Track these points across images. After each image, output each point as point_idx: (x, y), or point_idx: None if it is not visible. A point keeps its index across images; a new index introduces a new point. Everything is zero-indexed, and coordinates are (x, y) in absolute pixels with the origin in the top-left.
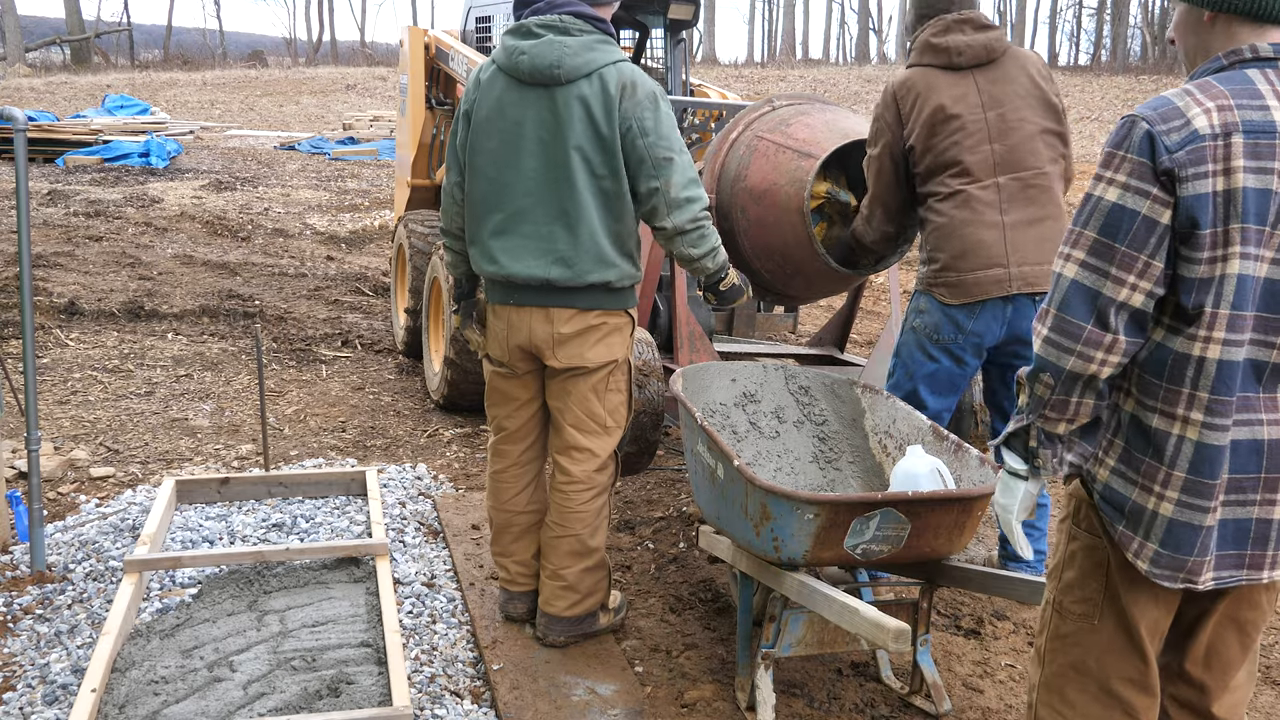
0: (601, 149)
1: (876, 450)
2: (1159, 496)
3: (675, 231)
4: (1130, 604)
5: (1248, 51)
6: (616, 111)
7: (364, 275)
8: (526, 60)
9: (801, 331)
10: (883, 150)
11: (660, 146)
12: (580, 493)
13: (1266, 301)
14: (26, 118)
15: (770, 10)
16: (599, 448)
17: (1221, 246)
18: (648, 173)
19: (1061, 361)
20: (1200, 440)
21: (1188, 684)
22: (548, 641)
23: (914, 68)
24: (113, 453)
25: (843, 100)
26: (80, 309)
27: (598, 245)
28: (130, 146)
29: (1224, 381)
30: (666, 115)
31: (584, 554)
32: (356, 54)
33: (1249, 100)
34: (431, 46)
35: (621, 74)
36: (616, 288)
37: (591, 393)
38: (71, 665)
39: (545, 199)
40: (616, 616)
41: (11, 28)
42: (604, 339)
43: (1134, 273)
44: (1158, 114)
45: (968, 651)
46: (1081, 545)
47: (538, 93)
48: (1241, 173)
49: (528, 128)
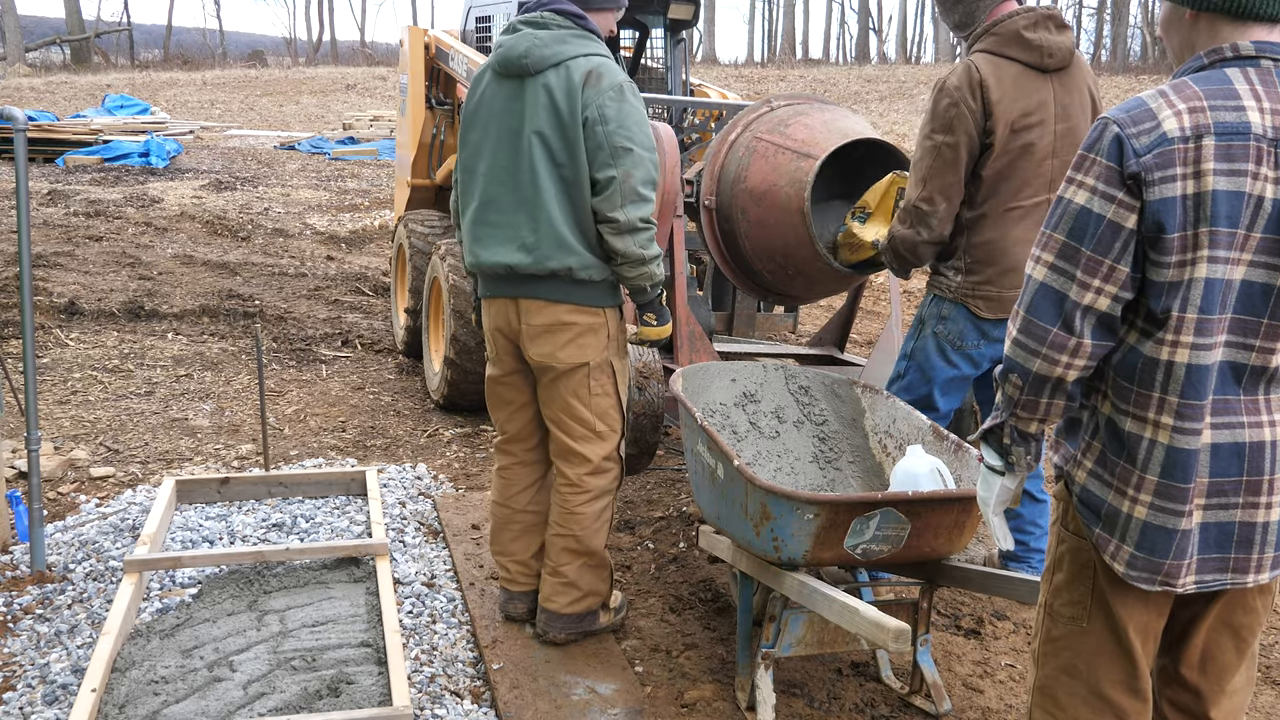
0: (562, 136)
1: (876, 450)
2: (1132, 500)
3: (628, 227)
4: (1118, 606)
5: (1229, 50)
6: (579, 98)
7: (364, 275)
8: (501, 53)
9: (801, 331)
10: (962, 139)
11: (619, 135)
12: (576, 495)
13: (1243, 304)
14: (26, 117)
15: (770, 10)
16: (590, 452)
17: (1191, 250)
18: (604, 160)
19: (1028, 363)
20: (1171, 444)
21: (1184, 688)
22: (547, 638)
23: (997, 57)
24: (113, 453)
25: (843, 100)
26: (80, 309)
27: (556, 231)
28: (130, 146)
29: (1193, 386)
30: (632, 108)
31: (583, 553)
32: (356, 54)
33: (1223, 101)
34: (431, 46)
35: (589, 64)
36: (580, 278)
37: (572, 396)
38: (71, 665)
39: (511, 187)
40: (617, 616)
41: (11, 28)
42: (576, 339)
43: (1099, 276)
44: (1129, 116)
45: (968, 651)
46: (1069, 547)
47: (512, 84)
48: (1212, 175)
49: (499, 118)
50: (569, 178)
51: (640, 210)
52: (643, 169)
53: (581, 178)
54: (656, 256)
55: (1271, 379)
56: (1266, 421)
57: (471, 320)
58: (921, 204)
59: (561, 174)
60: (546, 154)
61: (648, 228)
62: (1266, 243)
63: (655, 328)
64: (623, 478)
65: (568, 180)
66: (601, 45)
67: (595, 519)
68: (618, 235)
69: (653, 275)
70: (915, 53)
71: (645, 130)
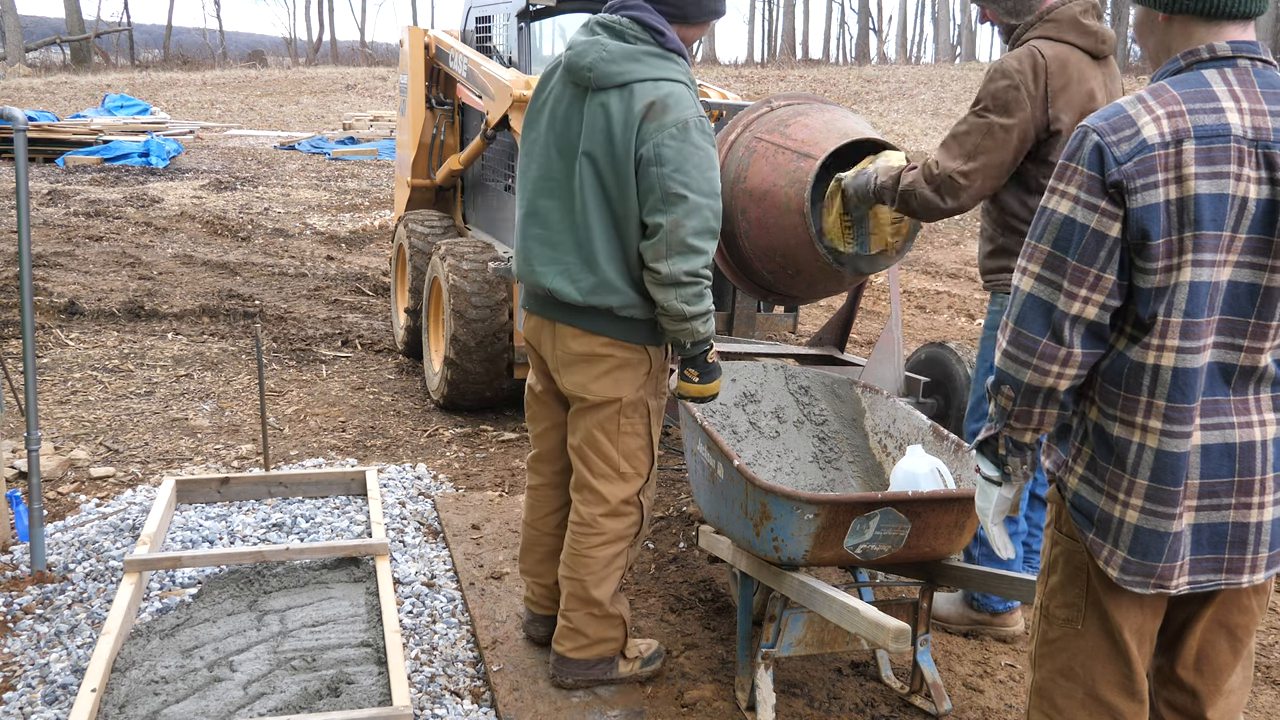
0: (613, 168)
1: (876, 450)
2: (1124, 504)
3: (671, 280)
4: (1112, 608)
5: (1205, 52)
6: (636, 132)
7: (364, 275)
8: (571, 56)
9: (801, 331)
10: (1021, 122)
11: (674, 180)
12: (588, 537)
13: (1230, 304)
14: (26, 118)
15: (770, 10)
16: (609, 492)
17: (1176, 255)
18: (654, 205)
19: (1020, 375)
20: (1160, 448)
21: (1180, 688)
22: (556, 682)
23: (1057, 43)
24: (113, 453)
25: (843, 100)
26: (80, 309)
27: (600, 267)
28: (130, 146)
29: (1180, 389)
30: (695, 149)
31: (588, 602)
32: (356, 54)
33: (1202, 104)
34: (431, 46)
35: (657, 92)
36: (621, 315)
37: (599, 429)
38: (71, 665)
39: (562, 201)
40: (645, 667)
41: (11, 28)
42: (611, 372)
43: (1085, 286)
44: (1108, 124)
45: (968, 651)
46: (1063, 550)
47: (574, 92)
48: (1194, 180)
49: (558, 125)
50: (619, 213)
51: (687, 263)
52: (697, 219)
53: (631, 214)
54: (701, 315)
55: (1261, 378)
56: (1257, 421)
57: (476, 318)
58: (959, 176)
59: (611, 207)
60: (596, 181)
61: (694, 282)
62: (1252, 243)
63: (696, 385)
64: (644, 528)
65: (617, 215)
66: (680, 68)
67: (605, 565)
68: (660, 287)
69: (695, 333)
70: (915, 53)
71: (707, 175)
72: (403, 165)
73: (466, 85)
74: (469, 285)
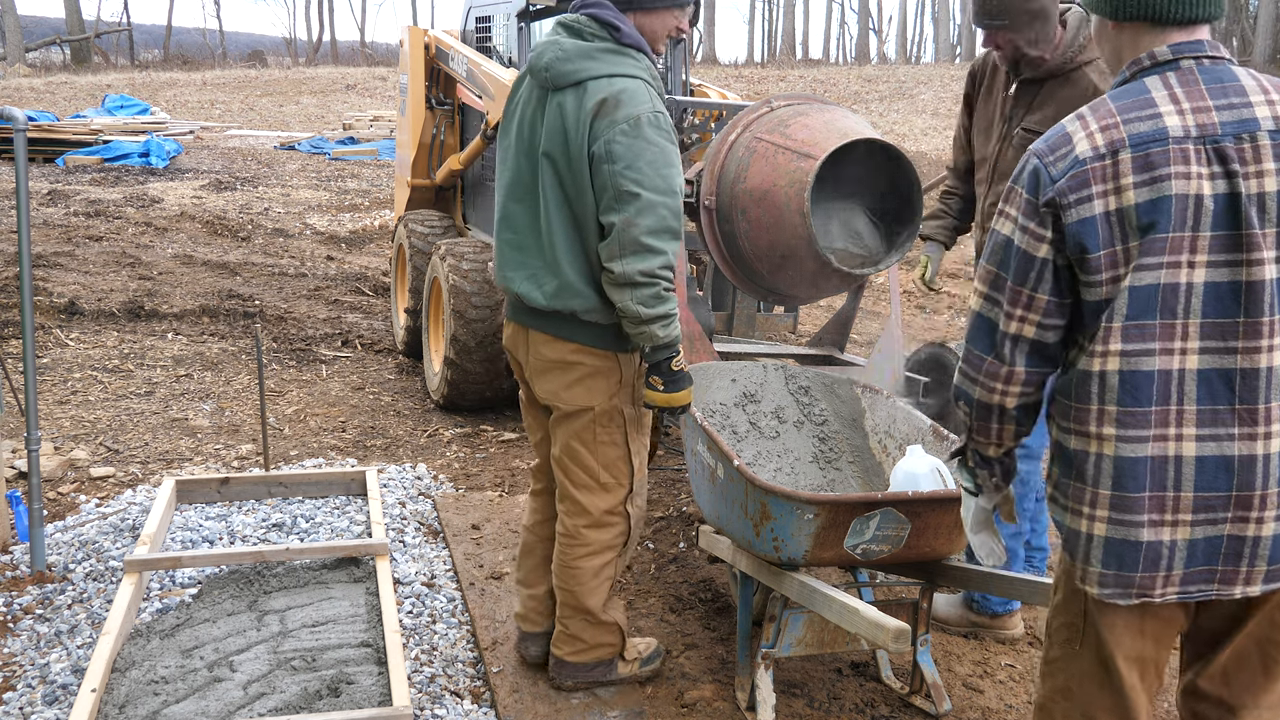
0: (570, 166)
1: (876, 450)
2: (1089, 518)
3: (625, 280)
4: (1105, 631)
5: (1146, 59)
6: (588, 130)
7: (364, 275)
8: (532, 57)
9: (801, 331)
10: None
11: (625, 177)
12: (573, 548)
13: (1214, 306)
14: (26, 118)
15: (770, 10)
16: (591, 504)
17: (1123, 265)
18: (608, 204)
19: (971, 391)
20: (1117, 455)
21: (1205, 700)
22: (555, 685)
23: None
24: (113, 453)
25: (843, 100)
26: (80, 309)
27: (562, 270)
28: (130, 146)
29: (1130, 394)
30: (648, 145)
31: (581, 611)
32: (356, 54)
33: (1137, 112)
34: (431, 46)
35: (609, 89)
36: (585, 320)
37: (575, 440)
38: (71, 665)
39: (529, 205)
40: (644, 666)
41: (11, 28)
42: (583, 380)
43: (1020, 305)
44: (1047, 145)
45: (968, 652)
46: (1063, 569)
47: (539, 94)
48: (1132, 189)
49: (524, 129)
50: (578, 214)
51: (642, 263)
52: (651, 217)
53: (589, 216)
54: (659, 318)
55: (1272, 383)
56: (1261, 434)
57: (476, 318)
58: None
59: (571, 208)
60: (557, 182)
61: (650, 283)
62: (1220, 240)
63: (660, 393)
64: (631, 536)
65: (577, 217)
66: (637, 63)
67: (593, 576)
68: (615, 288)
69: (653, 336)
70: (915, 53)
71: (663, 172)
72: (403, 165)
73: (466, 85)
74: (469, 285)
